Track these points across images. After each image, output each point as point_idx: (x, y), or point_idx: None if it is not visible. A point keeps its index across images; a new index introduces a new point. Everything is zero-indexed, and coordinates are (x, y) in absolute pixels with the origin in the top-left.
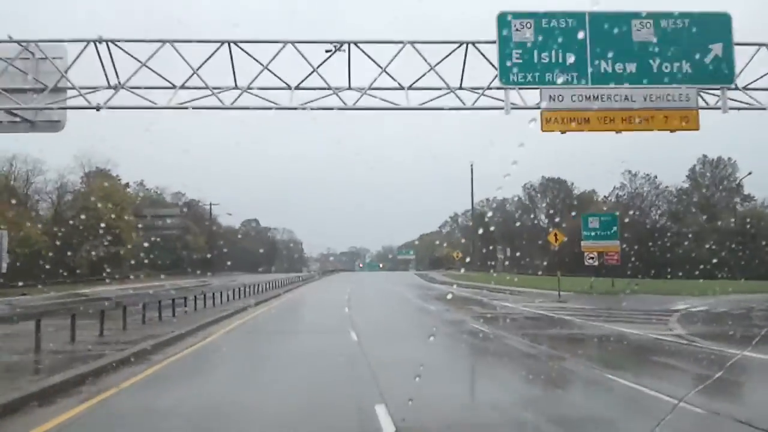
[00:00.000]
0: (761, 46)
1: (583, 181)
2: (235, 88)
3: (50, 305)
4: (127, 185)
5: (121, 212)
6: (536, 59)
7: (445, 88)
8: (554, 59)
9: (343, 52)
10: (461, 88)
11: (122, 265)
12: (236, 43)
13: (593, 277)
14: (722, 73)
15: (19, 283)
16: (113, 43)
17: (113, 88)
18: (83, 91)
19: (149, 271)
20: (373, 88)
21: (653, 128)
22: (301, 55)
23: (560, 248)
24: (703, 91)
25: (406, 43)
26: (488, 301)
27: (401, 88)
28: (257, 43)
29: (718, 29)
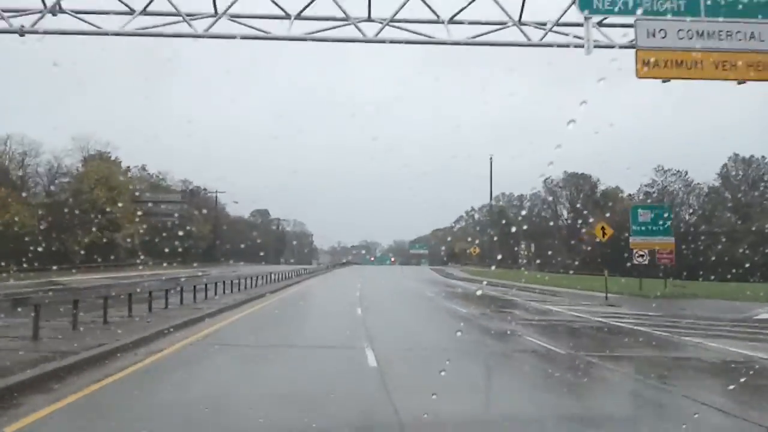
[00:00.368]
0: None
1: (606, 177)
2: (213, 15)
3: None
4: (127, 169)
5: (117, 197)
6: None
7: (496, 22)
8: None
9: None
10: (521, 22)
11: (118, 252)
12: None
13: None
14: None
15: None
16: None
17: (50, 11)
18: (6, 14)
19: (148, 259)
20: (398, 20)
21: None
22: None
23: (592, 246)
24: None
25: None
26: (526, 303)
27: (438, 20)
28: None
29: None
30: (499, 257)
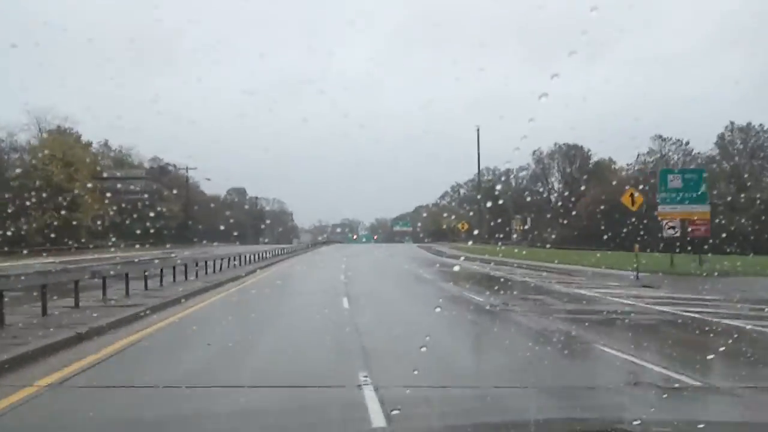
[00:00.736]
0: None
1: (597, 148)
2: None
3: None
4: (88, 145)
5: (75, 173)
6: None
7: None
8: None
9: None
10: None
11: (79, 234)
12: None
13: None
14: None
15: None
16: None
17: None
18: None
19: (120, 241)
20: None
21: None
22: None
23: (588, 219)
24: None
25: None
26: (550, 287)
27: None
28: None
29: None
30: (486, 234)
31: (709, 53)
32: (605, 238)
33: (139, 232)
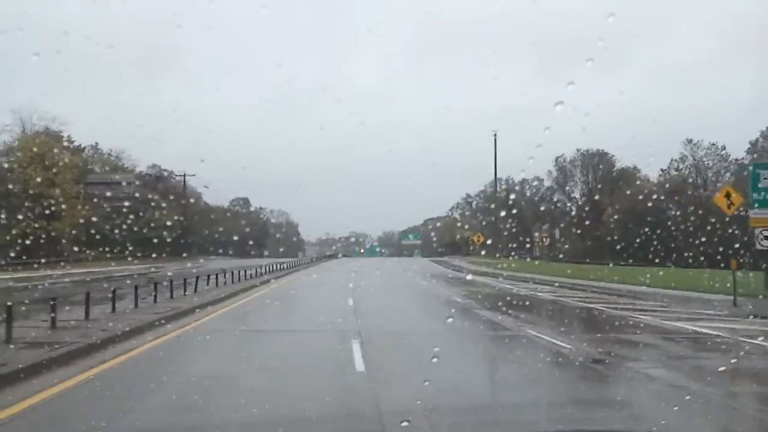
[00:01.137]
0: None
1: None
2: None
3: None
4: (83, 150)
5: (57, 177)
6: None
7: None
8: None
9: None
10: None
11: (58, 245)
12: None
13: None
14: None
15: None
16: None
17: None
18: None
19: (101, 252)
20: None
21: None
22: None
23: (622, 231)
24: None
25: None
26: (633, 317)
27: None
28: None
29: None
30: (499, 245)
31: (738, 57)
32: (631, 250)
33: (129, 243)
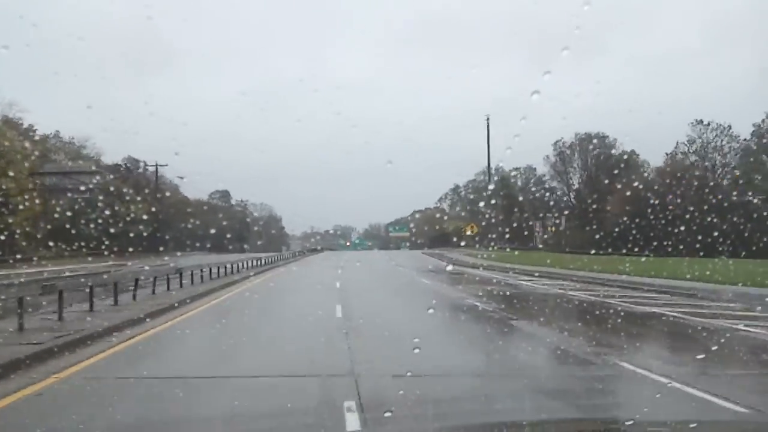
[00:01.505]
0: None
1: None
2: None
3: None
4: (46, 140)
5: (8, 166)
6: None
7: None
8: None
9: None
10: None
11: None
12: None
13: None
14: None
15: None
16: None
17: None
18: None
19: (58, 250)
20: None
21: None
22: None
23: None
24: None
25: None
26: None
27: None
28: None
29: None
30: (492, 236)
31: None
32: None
33: (104, 239)
